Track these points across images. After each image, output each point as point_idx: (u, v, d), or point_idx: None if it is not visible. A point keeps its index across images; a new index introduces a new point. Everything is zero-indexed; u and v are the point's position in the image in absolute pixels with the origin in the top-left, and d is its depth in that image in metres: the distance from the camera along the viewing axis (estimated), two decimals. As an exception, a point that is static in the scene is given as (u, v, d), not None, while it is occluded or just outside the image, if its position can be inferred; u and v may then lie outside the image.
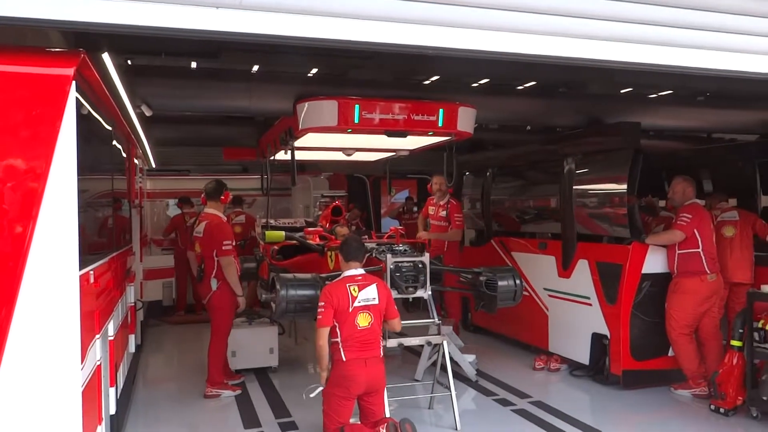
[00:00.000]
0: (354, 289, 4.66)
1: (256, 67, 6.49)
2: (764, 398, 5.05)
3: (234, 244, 6.19)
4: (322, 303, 4.64)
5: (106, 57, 4.11)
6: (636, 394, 6.00)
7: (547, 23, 3.47)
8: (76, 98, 3.06)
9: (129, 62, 5.58)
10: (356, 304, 4.61)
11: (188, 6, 2.93)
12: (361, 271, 4.83)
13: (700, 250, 5.82)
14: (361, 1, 3.19)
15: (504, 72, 6.50)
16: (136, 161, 7.81)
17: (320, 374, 4.72)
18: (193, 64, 6.25)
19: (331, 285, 4.79)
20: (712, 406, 5.50)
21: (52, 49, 3.32)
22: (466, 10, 3.33)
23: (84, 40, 3.74)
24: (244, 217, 10.48)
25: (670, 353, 6.09)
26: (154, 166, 10.85)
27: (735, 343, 5.37)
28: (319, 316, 4.60)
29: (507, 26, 3.44)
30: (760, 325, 5.13)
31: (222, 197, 6.25)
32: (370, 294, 4.70)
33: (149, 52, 5.59)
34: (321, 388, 4.67)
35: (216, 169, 12.82)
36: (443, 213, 7.82)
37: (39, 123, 2.93)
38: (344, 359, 4.56)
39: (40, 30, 3.72)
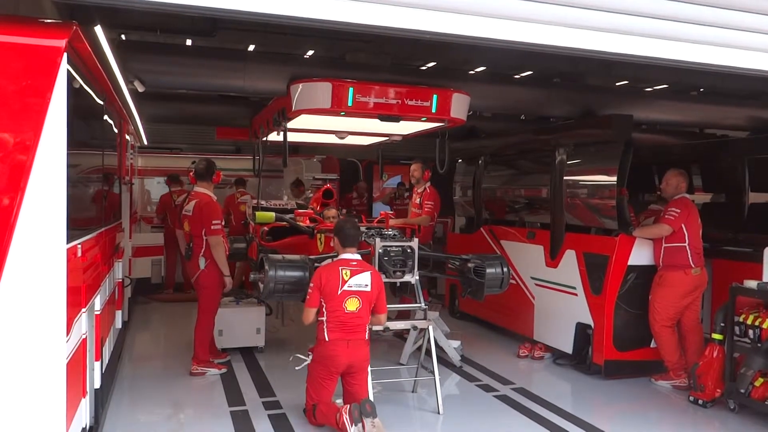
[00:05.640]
0: (346, 273, 4.72)
1: (251, 47, 6.46)
2: (742, 391, 5.13)
3: (223, 224, 6.18)
4: (312, 284, 4.75)
5: (99, 31, 4.07)
6: (617, 384, 6.09)
7: (547, 12, 3.47)
8: (68, 71, 3.03)
9: (123, 37, 5.53)
10: (345, 287, 4.69)
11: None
12: (357, 256, 4.87)
13: (686, 244, 5.87)
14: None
15: (501, 60, 6.50)
16: (127, 137, 7.76)
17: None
18: (188, 42, 6.21)
19: (324, 267, 4.85)
20: (691, 398, 5.58)
21: (45, 20, 3.29)
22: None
23: (77, 13, 3.71)
24: (249, 197, 10.48)
25: (652, 345, 6.17)
26: (145, 143, 10.79)
27: (716, 336, 5.44)
28: (308, 297, 4.76)
29: (507, 14, 3.43)
30: (741, 320, 5.20)
31: (213, 176, 6.24)
32: (362, 280, 4.75)
33: (143, 28, 5.55)
34: (307, 362, 4.80)
35: (208, 148, 12.79)
36: (418, 200, 7.76)
37: (29, 94, 2.90)
38: (327, 339, 4.68)
39: (33, 0, 3.68)
